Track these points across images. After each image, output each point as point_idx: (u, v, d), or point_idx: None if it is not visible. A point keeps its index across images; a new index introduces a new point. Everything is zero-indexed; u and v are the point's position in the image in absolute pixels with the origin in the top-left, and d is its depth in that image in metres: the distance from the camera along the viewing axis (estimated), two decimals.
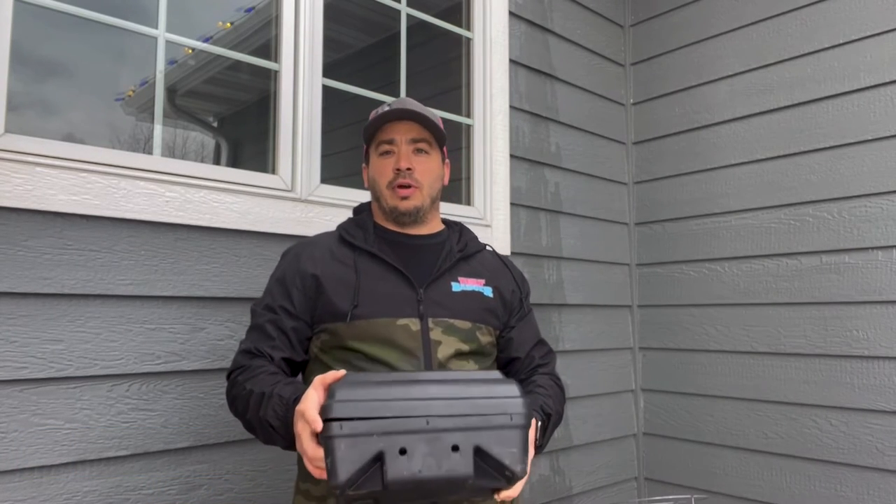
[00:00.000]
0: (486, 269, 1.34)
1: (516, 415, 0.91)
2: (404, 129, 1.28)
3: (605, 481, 2.69)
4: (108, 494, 1.46)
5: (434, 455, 0.87)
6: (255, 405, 1.10)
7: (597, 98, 2.82)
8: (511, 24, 2.47)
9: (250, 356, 1.21)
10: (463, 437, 0.89)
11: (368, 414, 0.87)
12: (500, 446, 0.90)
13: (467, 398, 0.91)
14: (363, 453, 0.85)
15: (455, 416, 0.89)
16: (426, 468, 0.87)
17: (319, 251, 1.28)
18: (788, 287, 2.40)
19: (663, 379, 2.76)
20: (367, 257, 1.26)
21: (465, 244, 1.35)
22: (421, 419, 0.88)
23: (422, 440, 0.87)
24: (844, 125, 2.29)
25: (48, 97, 1.78)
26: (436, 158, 1.32)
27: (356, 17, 2.65)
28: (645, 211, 2.89)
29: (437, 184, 1.32)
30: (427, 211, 1.30)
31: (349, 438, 0.85)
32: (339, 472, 0.84)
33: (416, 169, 1.27)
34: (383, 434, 0.86)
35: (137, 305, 1.53)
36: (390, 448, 0.86)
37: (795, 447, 2.34)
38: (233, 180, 1.70)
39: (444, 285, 1.26)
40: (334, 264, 1.25)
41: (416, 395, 0.90)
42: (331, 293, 1.21)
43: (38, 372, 1.38)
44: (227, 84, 2.65)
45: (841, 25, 2.31)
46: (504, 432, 0.90)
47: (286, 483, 1.74)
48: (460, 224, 1.44)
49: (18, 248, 1.38)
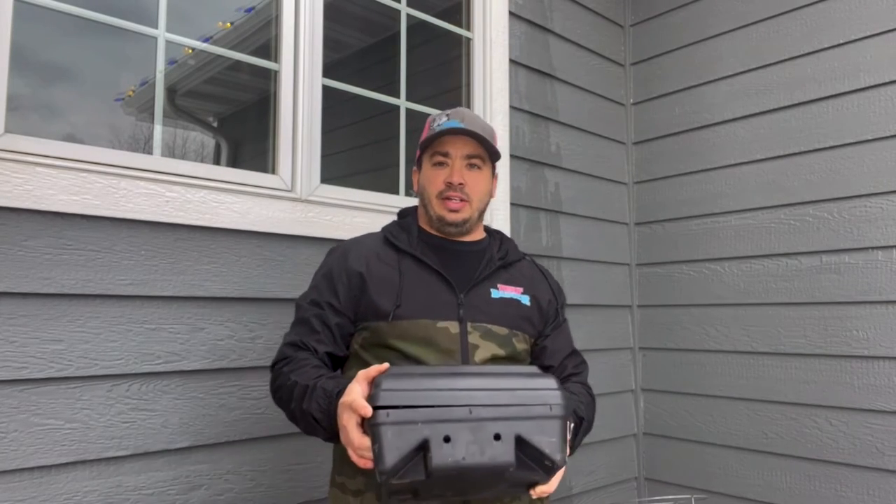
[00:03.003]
0: (524, 278, 1.37)
1: (555, 405, 0.95)
2: (461, 143, 1.30)
3: (605, 481, 2.69)
4: (108, 494, 1.46)
5: (477, 443, 0.90)
6: (298, 396, 1.14)
7: (597, 98, 2.82)
8: (511, 24, 2.47)
9: (295, 348, 1.25)
10: (505, 426, 0.91)
11: (414, 402, 0.90)
12: (540, 435, 0.93)
13: (508, 389, 0.94)
14: (409, 440, 0.88)
15: (497, 406, 0.92)
16: (469, 455, 0.89)
17: (365, 250, 1.31)
18: (788, 287, 2.40)
19: (663, 379, 2.76)
20: (410, 260, 1.29)
21: (506, 252, 1.38)
22: (464, 408, 0.91)
23: (465, 428, 0.90)
24: (844, 125, 2.29)
25: (48, 97, 1.78)
26: (486, 173, 1.35)
27: (356, 17, 2.65)
28: (645, 211, 2.89)
29: (485, 198, 1.36)
30: (474, 223, 1.34)
31: (396, 426, 0.89)
32: (385, 458, 0.87)
33: (468, 184, 1.30)
34: (428, 422, 0.89)
35: (137, 305, 1.53)
36: (435, 436, 0.89)
37: (795, 447, 2.34)
38: (233, 180, 1.70)
39: (484, 291, 1.29)
40: (379, 264, 1.28)
41: (460, 385, 0.94)
42: (374, 292, 1.25)
43: (38, 372, 1.38)
44: (227, 84, 2.65)
45: (841, 25, 2.31)
46: (544, 422, 0.94)
47: (286, 483, 1.74)
48: (501, 233, 1.47)
49: (18, 248, 1.38)
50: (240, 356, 1.68)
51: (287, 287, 1.78)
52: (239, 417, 1.67)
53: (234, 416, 1.66)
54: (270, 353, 1.73)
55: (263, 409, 1.72)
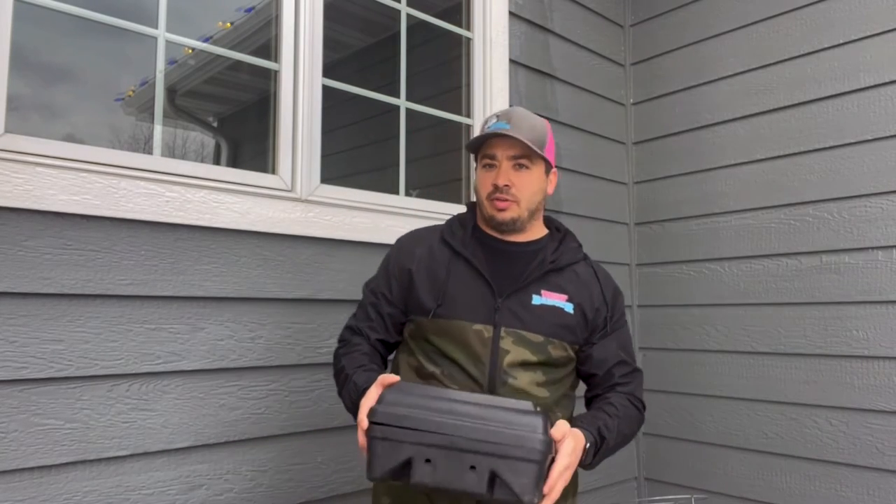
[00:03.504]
0: (573, 284, 1.36)
1: (532, 450, 1.00)
2: (506, 145, 1.31)
3: (605, 481, 2.69)
4: (108, 494, 1.46)
5: (453, 470, 0.99)
6: (341, 382, 1.29)
7: (597, 98, 2.82)
8: (511, 24, 2.46)
9: (352, 332, 1.39)
10: (482, 459, 0.99)
11: (405, 424, 1.01)
12: (512, 475, 0.99)
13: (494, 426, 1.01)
14: (395, 457, 1.00)
15: (477, 441, 1.00)
16: (445, 480, 1.00)
17: (420, 248, 1.38)
18: (788, 287, 2.40)
19: (663, 379, 2.76)
20: (460, 260, 1.34)
21: (560, 255, 1.37)
22: (448, 437, 1.00)
23: (445, 455, 1.00)
24: (844, 125, 2.29)
25: (48, 97, 1.78)
26: (536, 172, 1.34)
27: (356, 17, 2.65)
28: (645, 211, 2.89)
29: (536, 196, 1.35)
30: (525, 222, 1.35)
31: (386, 442, 1.01)
32: (374, 467, 1.01)
33: (515, 184, 1.31)
34: (414, 444, 1.00)
35: (137, 305, 1.53)
36: (418, 456, 1.00)
37: (795, 447, 2.34)
38: (233, 180, 1.70)
39: (525, 297, 1.31)
40: (430, 262, 1.35)
41: (450, 412, 1.02)
42: (420, 289, 1.33)
43: (38, 372, 1.38)
44: (227, 84, 2.65)
45: (841, 25, 2.31)
46: (518, 464, 0.99)
47: (286, 483, 1.74)
48: (565, 231, 1.46)
49: (18, 248, 1.38)
50: (240, 356, 1.68)
51: (287, 287, 1.78)
52: (239, 417, 1.67)
53: (234, 416, 1.66)
54: (270, 353, 1.74)
55: (263, 409, 1.72)
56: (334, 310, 1.87)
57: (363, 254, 1.94)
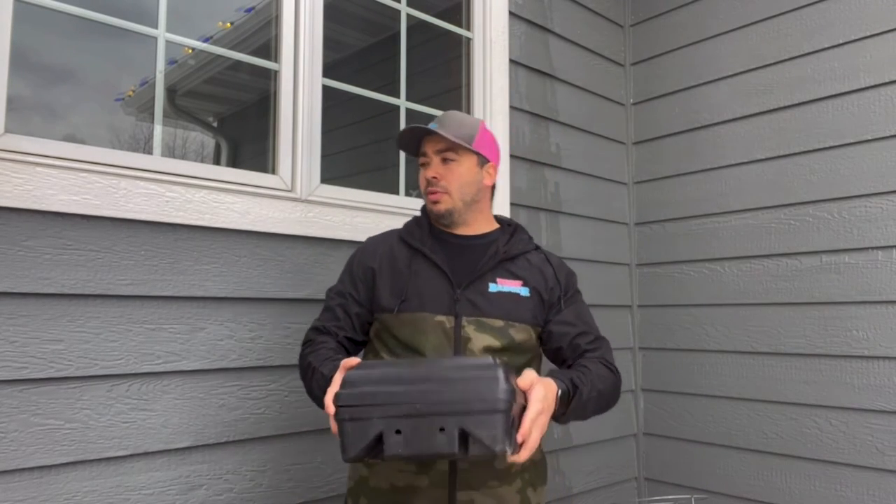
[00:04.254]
0: (527, 270, 1.43)
1: (496, 400, 1.02)
2: (433, 142, 1.41)
3: (605, 481, 2.69)
4: (108, 494, 1.46)
5: (423, 435, 1.01)
6: (308, 376, 1.31)
7: (597, 98, 2.82)
8: (511, 24, 2.47)
9: (318, 332, 1.41)
10: (449, 420, 1.01)
11: (370, 401, 1.03)
12: (481, 429, 1.01)
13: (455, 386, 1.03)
14: (367, 434, 1.02)
15: (442, 402, 1.02)
16: (416, 446, 1.01)
17: (382, 248, 1.45)
18: (788, 287, 2.40)
19: (663, 379, 2.76)
20: (419, 256, 1.41)
21: (512, 246, 1.44)
22: (412, 405, 1.02)
23: (413, 423, 1.01)
24: (844, 125, 2.29)
25: (48, 97, 1.78)
26: (465, 164, 1.40)
27: (356, 17, 2.65)
28: (645, 211, 2.89)
29: (468, 188, 1.41)
30: (462, 212, 1.42)
31: (355, 422, 1.03)
32: (348, 449, 1.03)
33: (443, 176, 1.39)
34: (382, 418, 1.02)
35: (137, 305, 1.53)
36: (388, 429, 1.01)
37: (795, 447, 2.34)
38: (233, 180, 1.70)
39: (482, 286, 1.37)
40: (392, 261, 1.42)
41: (409, 381, 1.04)
42: (384, 287, 1.39)
43: (38, 372, 1.38)
44: (227, 84, 2.65)
45: (841, 25, 2.31)
46: (484, 417, 1.01)
47: (286, 483, 1.74)
48: (515, 225, 1.52)
49: (18, 248, 1.38)
50: (240, 356, 1.68)
51: (287, 287, 1.78)
52: (239, 417, 1.67)
53: (234, 416, 1.66)
54: (270, 353, 1.74)
55: (263, 409, 1.72)
56: None
57: None
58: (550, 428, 2.47)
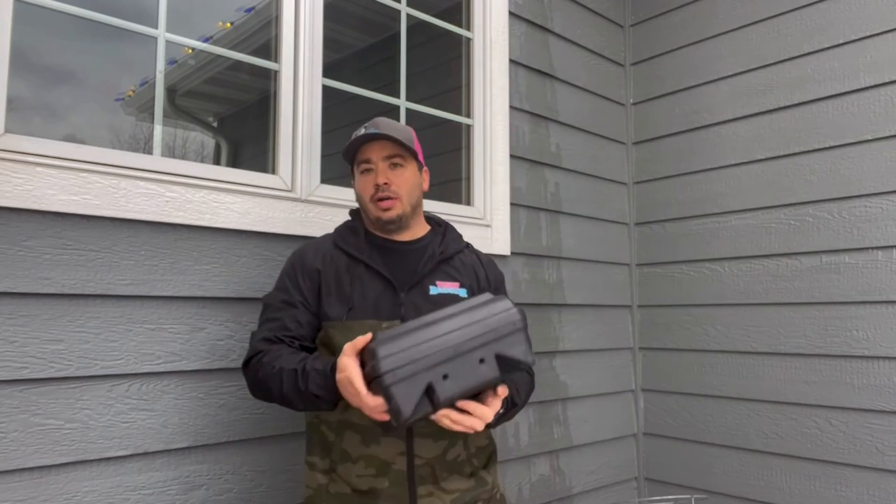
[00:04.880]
0: (461, 271, 1.49)
1: (517, 321, 1.17)
2: (378, 147, 1.42)
3: (605, 481, 2.69)
4: (108, 494, 1.46)
5: (469, 371, 1.12)
6: (290, 380, 1.26)
7: (597, 98, 2.82)
8: (511, 24, 2.47)
9: (269, 343, 1.36)
10: (484, 350, 1.13)
11: (410, 360, 1.09)
12: (513, 349, 1.15)
13: (478, 321, 1.15)
14: (416, 389, 1.09)
15: (475, 338, 1.13)
16: (465, 382, 1.12)
17: (320, 253, 1.44)
18: (788, 287, 2.40)
19: (663, 379, 2.76)
20: (359, 265, 1.42)
21: (446, 247, 1.49)
22: (450, 348, 1.11)
23: (456, 364, 1.11)
24: (844, 125, 2.29)
25: (48, 97, 1.78)
26: (410, 169, 1.45)
27: (356, 17, 2.65)
28: (645, 211, 2.89)
29: (415, 192, 1.45)
30: (409, 217, 1.45)
31: (402, 382, 1.08)
32: (403, 410, 1.08)
33: (394, 182, 1.41)
34: (427, 370, 1.09)
35: (137, 305, 1.53)
36: (436, 377, 1.10)
37: (795, 447, 2.35)
38: (233, 180, 1.70)
39: (423, 289, 1.41)
40: (333, 268, 1.42)
41: (440, 332, 1.13)
42: (328, 295, 1.39)
43: (38, 372, 1.38)
44: (227, 84, 2.65)
45: (841, 25, 2.31)
46: (512, 337, 1.16)
47: (286, 483, 1.74)
48: (445, 224, 1.56)
49: (18, 248, 1.38)
50: (240, 356, 1.68)
51: None
52: (239, 417, 1.67)
53: (234, 416, 1.66)
54: None
55: (263, 409, 1.72)
56: None
57: None
58: (549, 428, 2.47)
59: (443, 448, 1.36)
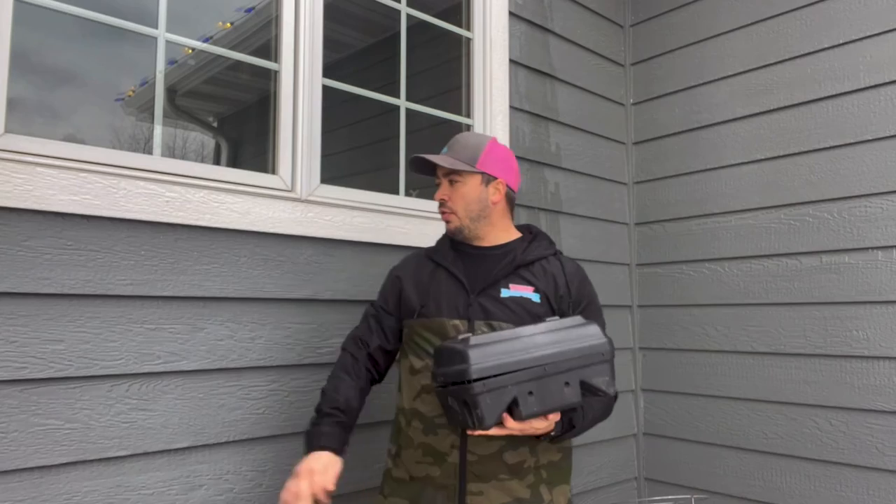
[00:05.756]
0: (540, 276, 1.49)
1: (605, 353, 1.21)
2: (440, 166, 1.51)
3: (605, 481, 2.69)
4: (108, 494, 1.46)
5: (553, 393, 1.16)
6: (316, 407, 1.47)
7: (597, 98, 2.82)
8: (511, 24, 2.47)
9: (354, 342, 1.57)
10: (571, 375, 1.17)
11: (502, 371, 1.13)
12: (597, 377, 1.20)
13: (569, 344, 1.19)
14: (502, 401, 1.13)
15: (564, 361, 1.17)
16: (549, 403, 1.16)
17: (410, 262, 1.60)
18: (788, 287, 2.40)
19: (663, 379, 2.76)
20: (440, 269, 1.53)
21: (528, 252, 1.51)
22: (540, 367, 1.15)
23: (543, 383, 1.15)
24: (844, 125, 2.29)
25: (48, 97, 1.78)
26: (470, 184, 1.49)
27: (356, 17, 2.65)
28: (645, 211, 2.89)
29: (473, 205, 1.49)
30: (471, 228, 1.51)
31: (490, 393, 1.12)
32: (486, 418, 1.12)
33: (450, 197, 1.50)
34: (514, 385, 1.13)
35: (137, 305, 1.53)
36: (521, 393, 1.14)
37: (795, 447, 2.34)
38: (233, 180, 1.70)
39: (495, 292, 1.45)
40: (416, 274, 1.56)
41: (532, 348, 1.17)
42: (407, 295, 1.53)
43: (38, 372, 1.38)
44: (227, 84, 2.65)
45: (841, 25, 2.31)
46: (600, 367, 1.20)
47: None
48: (537, 233, 1.58)
49: (18, 248, 1.38)
50: (240, 356, 1.68)
51: (287, 287, 1.78)
52: (239, 417, 1.67)
53: (234, 416, 1.66)
54: (270, 353, 1.74)
55: (263, 409, 1.72)
56: (334, 310, 1.87)
57: (363, 254, 1.94)
58: None
59: (498, 447, 1.38)
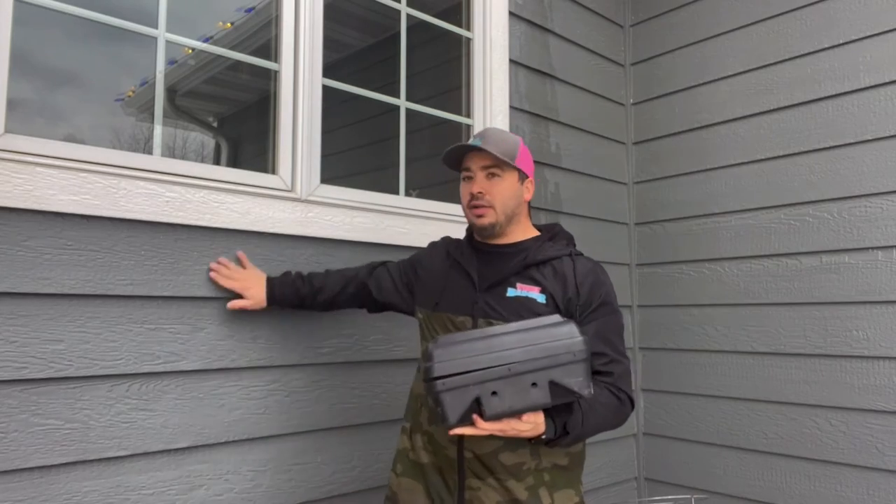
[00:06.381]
0: (549, 277, 1.45)
1: (578, 352, 1.16)
2: (478, 157, 1.47)
3: (605, 481, 2.69)
4: (108, 494, 1.46)
5: (519, 392, 1.13)
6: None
7: (597, 98, 2.82)
8: (511, 24, 2.46)
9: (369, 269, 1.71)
10: (539, 375, 1.14)
11: (463, 369, 1.12)
12: (568, 378, 1.15)
13: (538, 343, 1.15)
14: (464, 400, 1.12)
15: (530, 360, 1.14)
16: (514, 403, 1.13)
17: (431, 253, 1.64)
18: (788, 287, 2.40)
19: (663, 379, 2.76)
20: (456, 265, 1.54)
21: (541, 251, 1.48)
22: (504, 367, 1.13)
23: (508, 383, 1.13)
24: (844, 125, 2.29)
25: (48, 97, 1.78)
26: (508, 180, 1.46)
27: (356, 17, 2.65)
28: (645, 211, 2.89)
29: (510, 202, 1.47)
30: (504, 226, 1.48)
31: (452, 391, 1.11)
32: (449, 417, 1.12)
33: (489, 192, 1.45)
34: (477, 384, 1.12)
35: (137, 305, 1.53)
36: (485, 393, 1.12)
37: (795, 447, 2.34)
38: (233, 180, 1.70)
39: (501, 290, 1.44)
40: (434, 265, 1.59)
41: (497, 347, 1.14)
42: (423, 287, 1.59)
43: (38, 372, 1.38)
44: (227, 84, 2.65)
45: (841, 25, 2.31)
46: (570, 367, 1.15)
47: (286, 483, 1.74)
48: (555, 233, 1.56)
49: (18, 248, 1.38)
50: (240, 356, 1.68)
51: None
52: (239, 417, 1.67)
53: (234, 416, 1.66)
54: (270, 353, 1.74)
55: (263, 409, 1.72)
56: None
57: (363, 254, 1.94)
58: None
59: (494, 447, 1.36)
